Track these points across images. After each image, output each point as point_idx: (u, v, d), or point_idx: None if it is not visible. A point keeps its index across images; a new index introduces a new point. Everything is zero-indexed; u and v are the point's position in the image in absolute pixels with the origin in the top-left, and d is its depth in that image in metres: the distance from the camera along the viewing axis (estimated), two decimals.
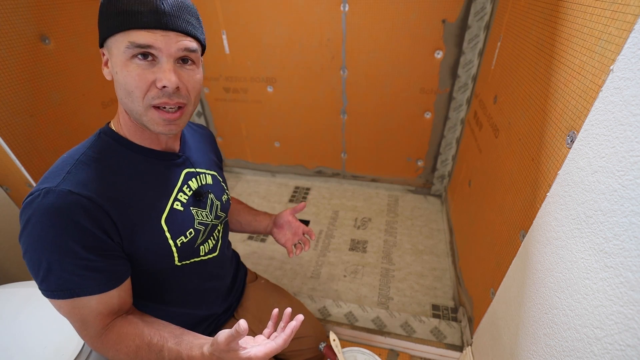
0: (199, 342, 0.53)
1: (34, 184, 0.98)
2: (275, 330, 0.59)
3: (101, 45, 0.51)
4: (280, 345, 0.52)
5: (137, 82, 0.48)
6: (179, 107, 0.52)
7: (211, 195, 0.69)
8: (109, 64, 0.51)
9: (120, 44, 0.47)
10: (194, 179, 0.65)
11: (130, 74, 0.48)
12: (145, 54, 0.47)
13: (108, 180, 0.52)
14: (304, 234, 0.86)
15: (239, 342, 0.50)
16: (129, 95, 0.49)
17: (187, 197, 0.63)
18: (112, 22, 0.46)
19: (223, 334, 0.47)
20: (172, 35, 0.48)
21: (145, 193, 0.56)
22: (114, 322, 0.54)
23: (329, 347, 0.93)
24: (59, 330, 0.75)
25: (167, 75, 0.48)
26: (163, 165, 0.60)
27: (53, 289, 0.49)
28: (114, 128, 0.57)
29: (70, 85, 1.15)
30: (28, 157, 1.02)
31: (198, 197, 0.65)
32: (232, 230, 0.92)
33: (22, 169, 0.99)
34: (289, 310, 0.59)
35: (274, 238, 0.87)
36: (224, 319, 0.81)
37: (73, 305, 0.50)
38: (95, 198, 0.49)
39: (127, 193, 0.54)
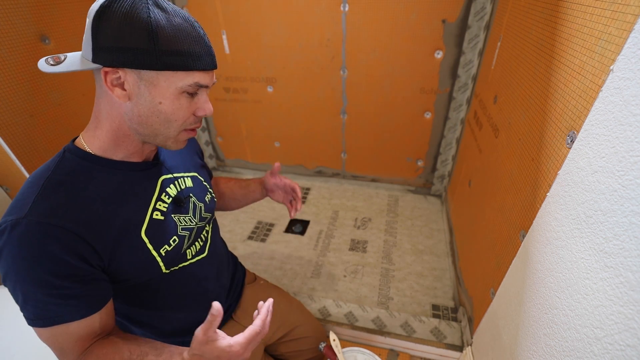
0: (179, 349, 0.53)
1: None
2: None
3: (113, 65, 0.47)
4: (258, 326, 0.53)
5: (183, 113, 0.52)
6: None
7: (193, 199, 0.68)
8: (129, 88, 0.48)
9: (178, 80, 0.49)
10: (172, 185, 0.64)
11: (181, 107, 0.52)
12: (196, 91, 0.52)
13: (78, 202, 0.50)
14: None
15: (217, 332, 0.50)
16: (167, 123, 0.52)
17: (166, 205, 0.61)
18: (170, 60, 0.47)
19: (199, 327, 0.48)
20: (212, 73, 0.54)
21: (121, 208, 0.54)
22: (92, 345, 0.53)
23: (329, 347, 0.93)
24: None
25: (208, 107, 0.55)
26: (138, 177, 0.58)
27: (32, 318, 0.49)
28: (81, 144, 0.54)
29: (70, 85, 1.15)
30: (28, 157, 1.02)
31: (178, 204, 0.64)
32: (233, 209, 0.95)
33: (22, 169, 0.99)
34: (261, 303, 0.61)
35: (273, 199, 0.93)
36: (222, 320, 0.81)
37: (52, 332, 0.50)
38: (67, 225, 0.48)
39: (101, 212, 0.52)
